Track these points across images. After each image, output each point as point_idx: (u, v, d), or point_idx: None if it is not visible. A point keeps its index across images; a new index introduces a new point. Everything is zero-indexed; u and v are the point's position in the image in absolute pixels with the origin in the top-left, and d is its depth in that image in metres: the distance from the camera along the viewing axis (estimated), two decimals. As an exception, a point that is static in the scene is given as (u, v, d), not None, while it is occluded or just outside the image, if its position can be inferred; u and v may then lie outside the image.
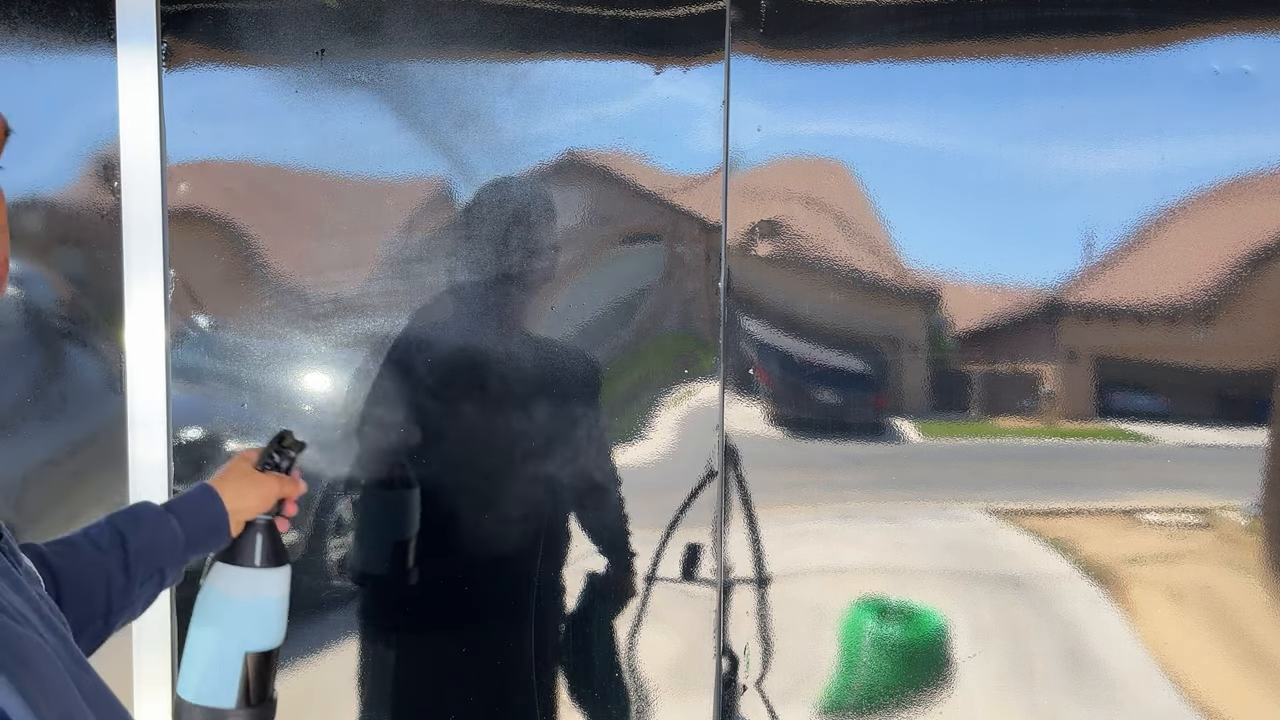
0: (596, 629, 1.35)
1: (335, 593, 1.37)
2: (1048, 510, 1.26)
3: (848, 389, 1.32)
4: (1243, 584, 1.20)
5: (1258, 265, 1.17)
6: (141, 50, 1.42)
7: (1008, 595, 1.26)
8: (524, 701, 1.37)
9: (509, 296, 1.36)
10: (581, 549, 1.35)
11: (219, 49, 1.41)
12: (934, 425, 1.29)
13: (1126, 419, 1.23)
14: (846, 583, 1.31)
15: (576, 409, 1.34)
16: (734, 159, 1.29)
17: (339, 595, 1.37)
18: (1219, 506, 1.21)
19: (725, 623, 1.33)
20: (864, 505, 1.30)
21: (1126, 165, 1.18)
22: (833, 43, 1.25)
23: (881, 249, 1.26)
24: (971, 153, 1.23)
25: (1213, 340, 1.18)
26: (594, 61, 1.31)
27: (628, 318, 1.33)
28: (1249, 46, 1.15)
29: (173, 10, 1.42)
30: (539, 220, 1.35)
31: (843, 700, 1.32)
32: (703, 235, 1.31)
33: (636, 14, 1.29)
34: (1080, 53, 1.19)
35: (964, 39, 1.22)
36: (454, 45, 1.35)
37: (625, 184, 1.32)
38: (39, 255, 1.51)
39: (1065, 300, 1.22)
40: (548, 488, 1.35)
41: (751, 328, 1.30)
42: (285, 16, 1.39)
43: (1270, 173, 1.15)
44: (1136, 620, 1.23)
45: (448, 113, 1.36)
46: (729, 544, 1.32)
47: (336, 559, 1.38)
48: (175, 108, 1.43)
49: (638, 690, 1.36)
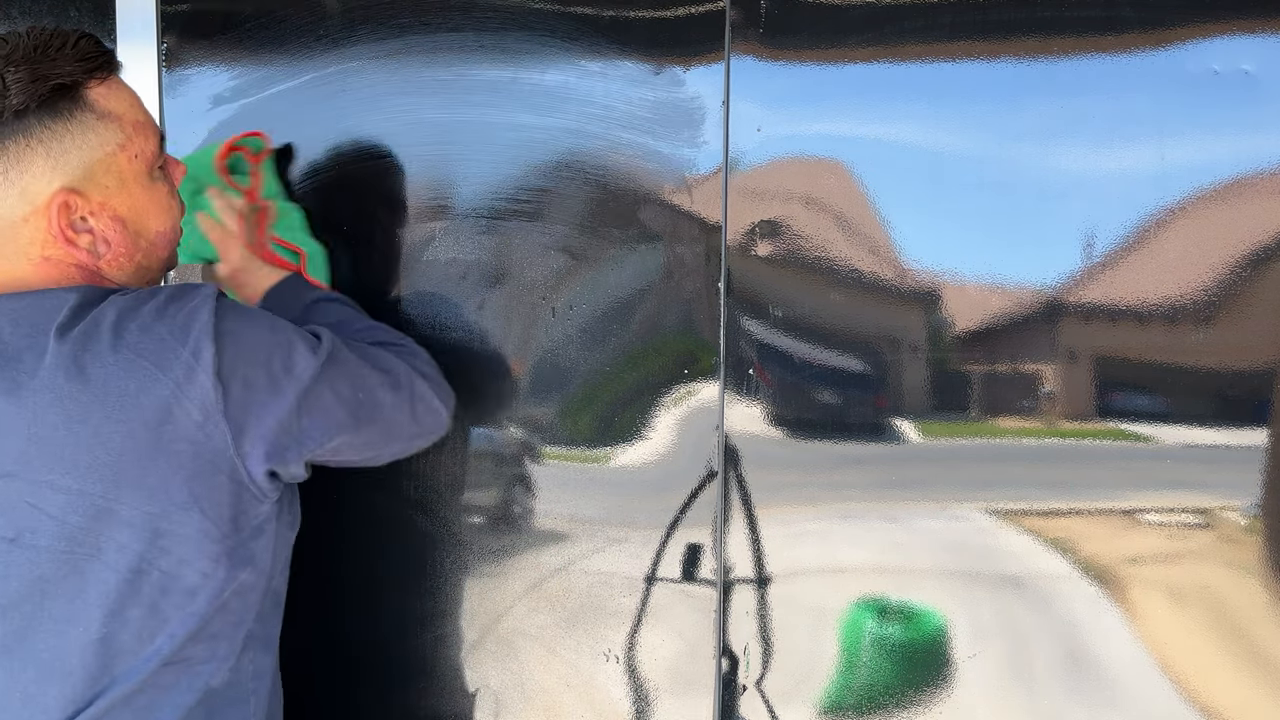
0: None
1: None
2: (1048, 510, 1.26)
3: (848, 389, 1.32)
4: (1243, 584, 1.20)
5: (1258, 265, 1.17)
6: (141, 50, 1.42)
7: (1008, 595, 1.26)
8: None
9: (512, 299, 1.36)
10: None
11: (219, 49, 1.41)
12: (934, 425, 1.29)
13: (1126, 419, 1.23)
14: (846, 583, 1.31)
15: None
16: (734, 159, 1.29)
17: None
18: (1219, 506, 1.21)
19: (725, 623, 1.33)
20: (864, 505, 1.30)
21: (1126, 165, 1.18)
22: (833, 43, 1.25)
23: (881, 249, 1.26)
24: (971, 152, 1.23)
25: (1213, 340, 1.18)
26: (594, 61, 1.31)
27: (627, 318, 1.33)
28: (1249, 46, 1.15)
29: (173, 10, 1.42)
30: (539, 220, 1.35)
31: (843, 700, 1.32)
32: (703, 235, 1.31)
33: (636, 14, 1.29)
34: (1080, 53, 1.19)
35: (964, 39, 1.22)
36: (454, 45, 1.35)
37: (625, 184, 1.32)
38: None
39: (1065, 300, 1.22)
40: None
41: (751, 328, 1.30)
42: (285, 16, 1.39)
43: (1270, 173, 1.15)
44: (1136, 620, 1.23)
45: (448, 112, 1.37)
46: (729, 544, 1.32)
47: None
48: (175, 108, 1.43)
49: (637, 690, 1.36)
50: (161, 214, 1.06)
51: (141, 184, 1.03)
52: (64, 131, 0.96)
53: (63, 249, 0.99)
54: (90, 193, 0.98)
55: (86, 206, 0.99)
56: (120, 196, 1.01)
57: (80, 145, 0.97)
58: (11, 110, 0.94)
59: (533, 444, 1.38)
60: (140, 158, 1.02)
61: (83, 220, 0.99)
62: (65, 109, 0.96)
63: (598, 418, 1.35)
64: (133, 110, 1.02)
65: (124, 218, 1.02)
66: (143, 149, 1.02)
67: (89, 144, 0.98)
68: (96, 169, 0.98)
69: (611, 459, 1.35)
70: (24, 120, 0.94)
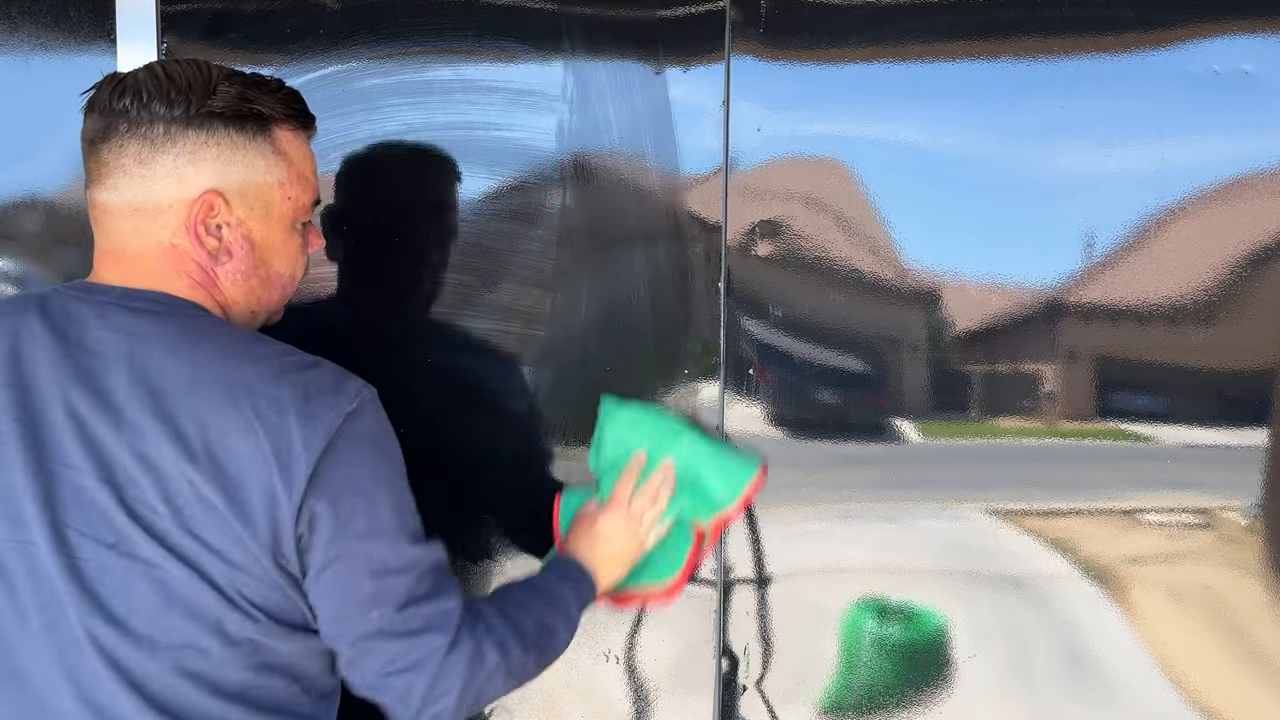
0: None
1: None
2: (1048, 510, 1.26)
3: (848, 389, 1.32)
4: (1243, 584, 1.20)
5: (1258, 265, 1.17)
6: (141, 50, 1.42)
7: (1008, 595, 1.26)
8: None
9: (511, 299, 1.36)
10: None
11: (219, 49, 1.41)
12: (934, 425, 1.29)
13: (1126, 419, 1.23)
14: (846, 583, 1.31)
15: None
16: (734, 159, 1.29)
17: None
18: (1219, 506, 1.21)
19: (725, 623, 1.33)
20: (864, 505, 1.30)
21: (1126, 165, 1.19)
22: (833, 43, 1.25)
23: (881, 249, 1.26)
24: (972, 152, 1.23)
25: (1213, 340, 1.19)
26: (594, 61, 1.31)
27: (628, 318, 1.33)
28: (1249, 46, 1.15)
29: (173, 10, 1.42)
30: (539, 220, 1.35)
31: (843, 700, 1.32)
32: (703, 235, 1.31)
33: (636, 14, 1.30)
34: (1080, 53, 1.19)
35: (964, 39, 1.22)
36: (453, 45, 1.35)
37: (625, 184, 1.32)
38: (38, 256, 1.51)
39: (1065, 300, 1.22)
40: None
41: (751, 328, 1.30)
42: (286, 16, 1.39)
43: (1270, 173, 1.15)
44: (1136, 620, 1.23)
45: (446, 112, 1.37)
46: (729, 544, 1.32)
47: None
48: (175, 108, 1.43)
49: (637, 690, 1.36)
50: (289, 260, 1.10)
51: (283, 225, 1.07)
52: (240, 147, 1.02)
53: (189, 241, 1.02)
54: (235, 207, 1.03)
55: (227, 216, 1.03)
56: (260, 224, 1.05)
57: (247, 164, 1.03)
58: (208, 110, 1.00)
59: (533, 444, 1.38)
60: (292, 202, 1.07)
61: (218, 227, 1.03)
62: (250, 130, 1.03)
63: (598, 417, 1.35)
64: (304, 163, 1.09)
65: (255, 243, 1.06)
66: (298, 197, 1.08)
67: (255, 168, 1.03)
68: (250, 190, 1.03)
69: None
70: (212, 122, 1.01)
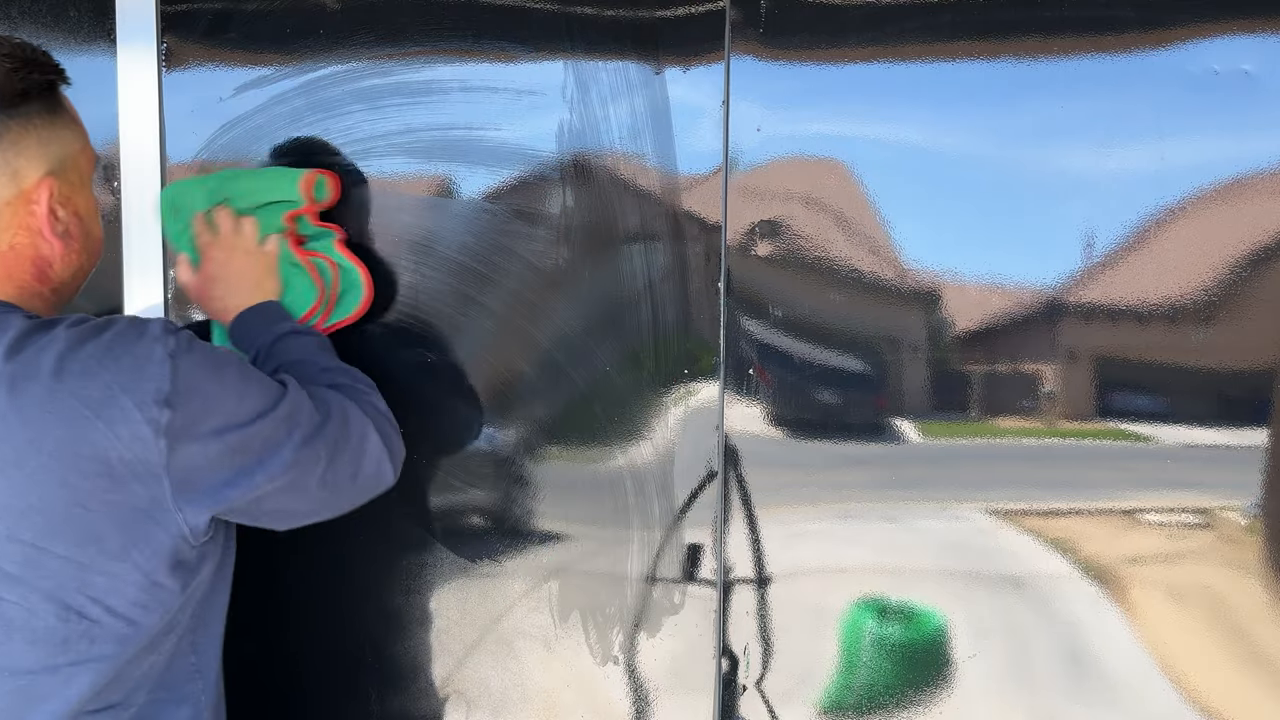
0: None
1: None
2: (1048, 510, 1.26)
3: (848, 389, 1.32)
4: (1243, 584, 1.20)
5: (1258, 265, 1.17)
6: (141, 50, 1.42)
7: (1008, 595, 1.26)
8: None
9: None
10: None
11: (219, 49, 1.41)
12: (934, 425, 1.29)
13: (1126, 419, 1.23)
14: (846, 583, 1.31)
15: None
16: (734, 159, 1.29)
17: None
18: (1219, 506, 1.21)
19: (725, 623, 1.33)
20: (864, 505, 1.30)
21: (1126, 165, 1.18)
22: (833, 43, 1.25)
23: (881, 249, 1.26)
24: (972, 152, 1.23)
25: (1213, 340, 1.18)
26: (593, 62, 1.31)
27: (627, 318, 1.33)
28: (1249, 46, 1.15)
29: (173, 10, 1.42)
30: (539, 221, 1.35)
31: (843, 700, 1.32)
32: (703, 235, 1.31)
33: (636, 14, 1.29)
34: (1080, 53, 1.19)
35: (964, 39, 1.22)
36: (453, 45, 1.35)
37: (625, 184, 1.32)
38: None
39: (1065, 300, 1.22)
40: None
41: (751, 328, 1.30)
42: (286, 16, 1.39)
43: (1270, 173, 1.15)
44: (1137, 620, 1.23)
45: (446, 112, 1.37)
46: (729, 544, 1.32)
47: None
48: (175, 108, 1.43)
49: (637, 690, 1.36)
50: (98, 219, 1.07)
51: (89, 186, 1.05)
52: (52, 123, 0.99)
53: (29, 238, 0.99)
54: (62, 185, 1.00)
55: (60, 197, 1.00)
56: (80, 194, 1.03)
57: (61, 139, 1.00)
58: (18, 92, 0.96)
59: (532, 444, 1.38)
60: (90, 162, 1.05)
61: (58, 210, 1.00)
62: (53, 103, 1.00)
63: (598, 418, 1.35)
64: (79, 117, 1.05)
65: (82, 215, 1.04)
66: (91, 155, 1.05)
67: (65, 139, 1.01)
68: (68, 163, 1.01)
69: (611, 459, 1.35)
70: (24, 107, 0.97)
